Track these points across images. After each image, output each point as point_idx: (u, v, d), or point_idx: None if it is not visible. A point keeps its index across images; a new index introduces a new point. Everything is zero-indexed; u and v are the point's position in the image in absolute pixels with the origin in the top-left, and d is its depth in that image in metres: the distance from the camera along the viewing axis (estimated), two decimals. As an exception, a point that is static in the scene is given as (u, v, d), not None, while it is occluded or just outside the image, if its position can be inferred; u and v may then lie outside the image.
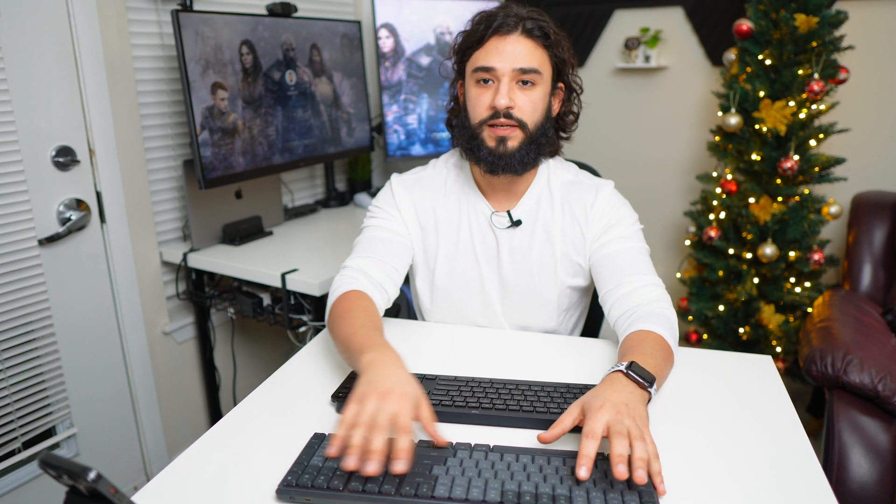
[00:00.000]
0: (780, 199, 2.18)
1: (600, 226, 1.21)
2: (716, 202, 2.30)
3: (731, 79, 2.21)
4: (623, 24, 2.68)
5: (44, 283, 1.60)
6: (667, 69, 2.66)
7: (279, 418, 0.94)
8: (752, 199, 2.19)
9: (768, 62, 2.12)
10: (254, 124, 1.91)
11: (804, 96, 2.07)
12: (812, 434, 2.08)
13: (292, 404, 0.98)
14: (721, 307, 2.30)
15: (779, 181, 2.16)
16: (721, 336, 2.35)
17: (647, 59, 2.61)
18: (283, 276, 1.69)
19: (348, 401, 0.81)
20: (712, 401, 0.99)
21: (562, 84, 1.20)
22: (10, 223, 1.52)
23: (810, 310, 2.10)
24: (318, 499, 0.74)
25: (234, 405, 1.16)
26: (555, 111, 1.21)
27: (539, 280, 1.25)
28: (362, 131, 2.38)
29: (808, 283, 2.23)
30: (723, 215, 2.29)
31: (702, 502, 0.76)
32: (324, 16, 2.40)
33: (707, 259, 2.32)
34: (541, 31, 1.12)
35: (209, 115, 1.76)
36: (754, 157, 2.17)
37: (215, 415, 2.16)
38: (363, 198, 2.42)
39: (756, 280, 2.23)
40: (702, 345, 2.40)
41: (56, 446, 1.73)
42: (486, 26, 1.12)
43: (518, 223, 1.23)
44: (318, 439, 0.84)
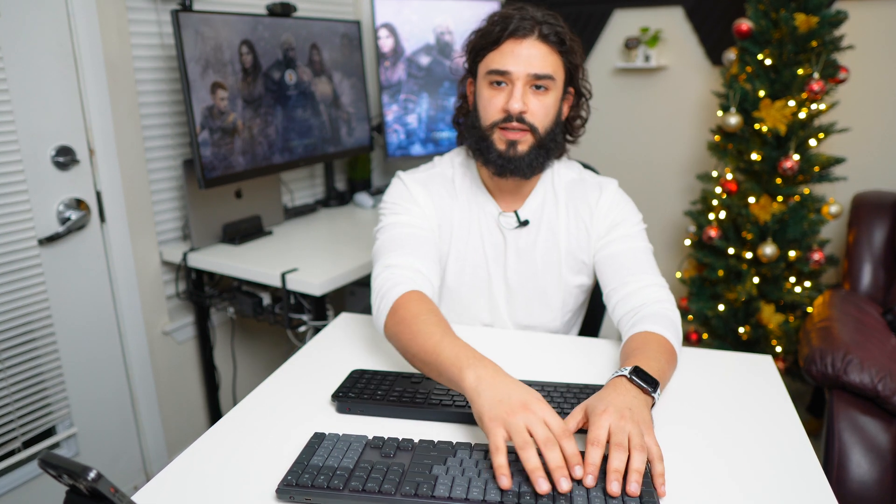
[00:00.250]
0: (780, 198, 2.18)
1: (605, 224, 1.22)
2: (716, 202, 2.30)
3: (730, 78, 2.21)
4: (623, 23, 2.68)
5: (44, 283, 1.60)
6: (667, 69, 2.66)
7: (279, 418, 0.94)
8: (752, 199, 2.19)
9: (768, 62, 2.12)
10: (254, 124, 1.91)
11: (804, 96, 2.07)
12: (812, 434, 2.08)
13: (292, 404, 0.98)
14: (721, 307, 2.30)
15: (779, 181, 2.16)
16: (721, 336, 2.35)
17: (647, 58, 2.60)
18: (283, 276, 1.69)
19: (488, 428, 0.77)
20: (712, 401, 0.99)
21: (572, 88, 1.20)
22: (9, 223, 1.52)
23: (810, 310, 2.10)
24: (318, 499, 0.74)
25: (234, 405, 1.16)
26: (564, 115, 1.22)
27: (544, 279, 1.25)
28: (362, 131, 2.38)
29: (808, 283, 2.23)
30: (723, 215, 2.28)
31: (702, 502, 0.76)
32: (324, 16, 2.40)
33: (707, 259, 2.32)
34: (557, 37, 1.11)
35: (209, 114, 1.76)
36: (754, 156, 2.17)
37: (215, 415, 2.16)
38: (363, 197, 2.42)
39: (756, 280, 2.23)
40: (702, 345, 2.40)
41: (56, 446, 1.73)
42: (503, 28, 1.11)
43: (525, 223, 1.23)
44: (318, 439, 0.84)
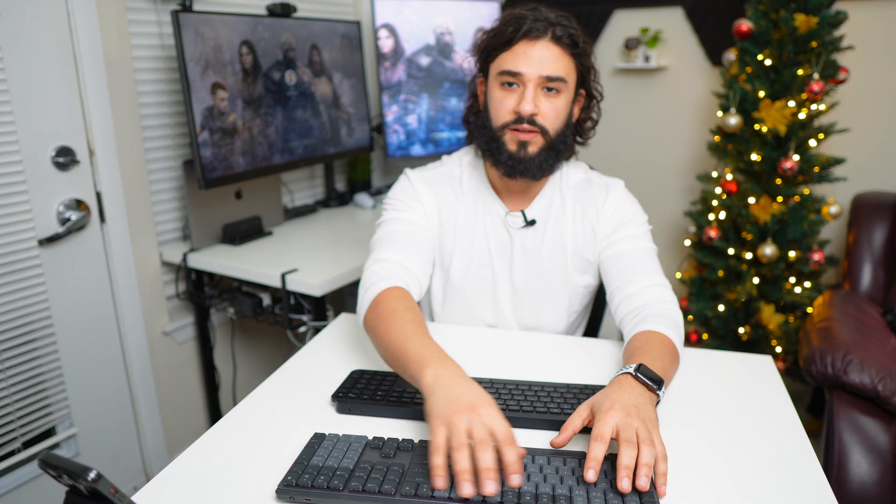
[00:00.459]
0: (780, 199, 2.18)
1: (611, 224, 1.22)
2: (716, 202, 2.30)
3: (730, 79, 2.21)
4: (623, 24, 2.68)
5: (44, 283, 1.60)
6: (667, 69, 2.66)
7: (279, 418, 0.94)
8: (752, 199, 2.19)
9: (768, 62, 2.12)
10: (254, 124, 1.91)
11: (804, 96, 2.07)
12: (812, 434, 2.08)
13: (292, 404, 0.98)
14: (721, 307, 2.30)
15: (779, 181, 2.16)
16: (721, 336, 2.35)
17: (647, 59, 2.60)
18: (283, 276, 1.69)
19: (432, 425, 0.76)
20: (712, 401, 0.99)
21: (583, 90, 1.20)
22: (9, 223, 1.52)
23: (810, 310, 2.10)
24: (318, 499, 0.74)
25: (234, 405, 1.16)
26: (574, 117, 1.21)
27: (550, 279, 1.25)
28: (362, 131, 2.38)
29: (808, 283, 2.23)
30: (723, 215, 2.28)
31: (702, 502, 0.76)
32: (323, 16, 2.40)
33: (707, 259, 2.32)
34: (570, 39, 1.11)
35: (209, 115, 1.76)
36: (754, 157, 2.17)
37: (215, 415, 2.16)
38: (363, 198, 2.42)
39: (756, 280, 2.23)
40: (702, 345, 2.40)
41: (56, 446, 1.73)
42: (516, 29, 1.10)
43: (532, 223, 1.23)
44: (318, 439, 0.84)
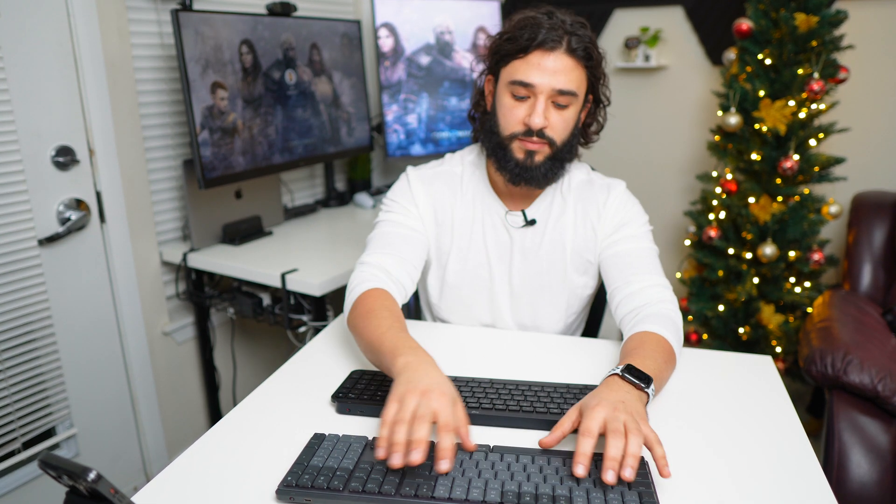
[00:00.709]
0: (780, 198, 2.18)
1: (612, 224, 1.22)
2: (716, 202, 2.30)
3: (730, 78, 2.21)
4: (623, 23, 2.68)
5: (44, 283, 1.60)
6: (667, 69, 2.66)
7: (279, 418, 0.94)
8: (752, 199, 2.19)
9: (768, 62, 2.12)
10: (254, 124, 1.91)
11: (804, 96, 2.07)
12: (812, 434, 2.08)
13: (292, 404, 0.98)
14: (721, 307, 2.30)
15: (779, 181, 2.16)
16: (721, 336, 2.35)
17: (647, 58, 2.60)
18: (283, 276, 1.69)
19: (387, 401, 0.80)
20: (712, 401, 0.99)
21: (591, 96, 1.20)
22: (10, 223, 1.52)
23: (810, 310, 2.10)
24: (318, 499, 0.74)
25: (234, 405, 1.16)
26: (580, 122, 1.21)
27: (548, 279, 1.25)
28: (362, 131, 2.38)
29: (808, 283, 2.23)
30: (723, 215, 2.28)
31: (702, 502, 0.76)
32: (324, 15, 2.40)
33: (707, 259, 2.32)
34: (584, 52, 1.11)
35: (209, 114, 1.76)
36: (754, 156, 2.17)
37: (215, 415, 2.16)
38: (363, 197, 2.42)
39: (756, 280, 2.23)
40: (702, 345, 2.40)
41: (56, 446, 1.73)
42: (531, 37, 1.09)
43: (532, 222, 1.23)
44: (318, 439, 0.84)
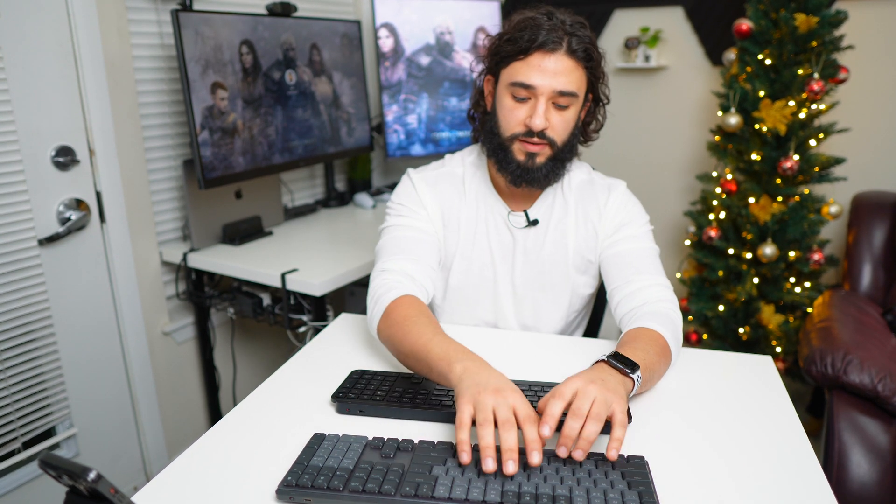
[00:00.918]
0: (780, 199, 2.18)
1: (613, 224, 1.22)
2: (716, 202, 2.30)
3: (730, 78, 2.21)
4: (623, 23, 2.68)
5: (44, 283, 1.60)
6: (667, 69, 2.66)
7: (279, 418, 0.94)
8: (752, 199, 2.19)
9: (768, 62, 2.12)
10: (254, 124, 1.91)
11: (804, 96, 2.07)
12: (812, 434, 2.08)
13: (292, 404, 0.98)
14: (721, 307, 2.30)
15: (779, 181, 2.16)
16: (721, 336, 2.35)
17: (647, 58, 2.60)
18: (283, 276, 1.69)
19: (459, 405, 0.79)
20: (712, 401, 0.99)
21: (590, 95, 1.20)
22: (10, 223, 1.52)
23: (810, 310, 2.10)
24: (318, 499, 0.74)
25: (234, 405, 1.16)
26: (580, 121, 1.21)
27: (551, 279, 1.26)
28: (362, 131, 2.38)
29: (808, 283, 2.23)
30: (723, 215, 2.28)
31: (702, 502, 0.76)
32: (324, 15, 2.40)
33: (707, 259, 2.32)
34: (584, 53, 1.11)
35: (209, 114, 1.76)
36: (754, 156, 2.17)
37: (215, 415, 2.16)
38: (363, 198, 2.42)
39: (756, 280, 2.23)
40: (702, 345, 2.40)
41: (56, 446, 1.73)
42: (531, 39, 1.09)
43: (535, 223, 1.24)
44: (318, 439, 0.84)
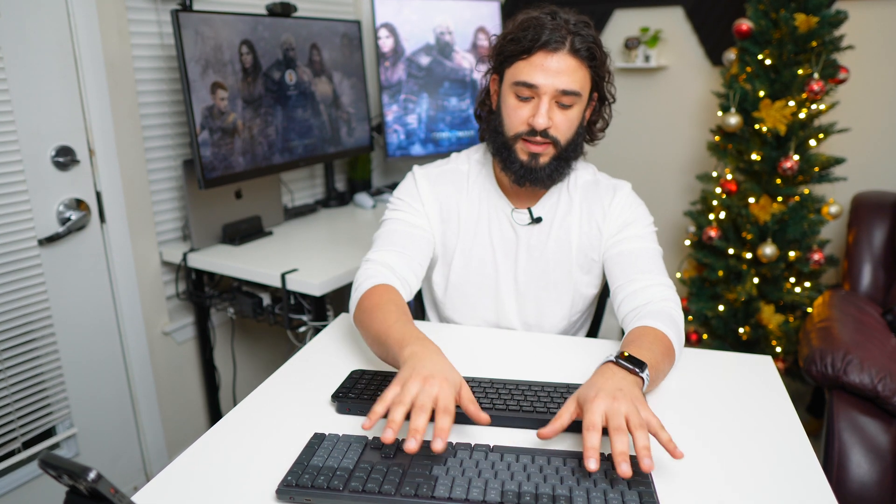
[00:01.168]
0: (780, 199, 2.18)
1: (617, 224, 1.23)
2: (716, 202, 2.30)
3: (730, 79, 2.21)
4: (623, 23, 2.68)
5: (44, 283, 1.60)
6: (667, 69, 2.66)
7: (279, 418, 0.94)
8: (752, 199, 2.19)
9: (768, 62, 2.12)
10: (254, 124, 1.91)
11: (804, 96, 2.07)
12: (812, 434, 2.08)
13: (292, 404, 0.98)
14: (721, 307, 2.30)
15: (779, 181, 2.16)
16: (721, 336, 2.35)
17: (647, 58, 2.60)
18: (283, 276, 1.69)
19: (390, 385, 0.82)
20: (712, 401, 0.99)
21: (595, 93, 1.20)
22: (10, 223, 1.52)
23: (810, 310, 2.10)
24: (318, 499, 0.74)
25: (234, 405, 1.16)
26: (585, 120, 1.21)
27: (554, 277, 1.26)
28: (362, 131, 2.38)
29: (808, 283, 2.23)
30: (723, 215, 2.28)
31: (701, 502, 0.76)
32: (324, 15, 2.40)
33: (707, 259, 2.32)
34: (588, 52, 1.10)
35: (209, 114, 1.76)
36: (754, 156, 2.17)
37: (215, 415, 2.16)
38: (363, 198, 2.42)
39: (756, 280, 2.23)
40: (702, 345, 2.40)
41: (56, 446, 1.73)
42: (534, 38, 1.09)
43: (538, 220, 1.24)
44: (318, 439, 0.84)
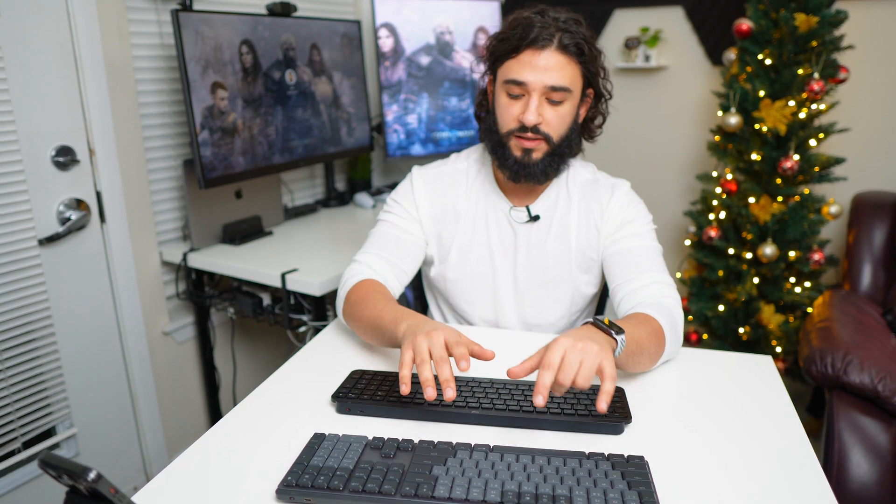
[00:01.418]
0: (780, 198, 2.18)
1: (615, 223, 1.23)
2: (716, 202, 2.30)
3: (731, 78, 2.21)
4: (623, 23, 2.68)
5: (44, 283, 1.60)
6: (667, 69, 2.66)
7: (279, 418, 0.94)
8: (752, 199, 2.19)
9: (768, 62, 2.12)
10: (254, 124, 1.91)
11: (804, 96, 2.07)
12: (812, 434, 2.08)
13: (292, 404, 0.98)
14: (721, 307, 2.30)
15: (779, 181, 2.16)
16: (721, 336, 2.35)
17: (647, 58, 2.60)
18: (283, 276, 1.69)
19: (401, 353, 0.90)
20: (712, 401, 0.99)
21: (591, 90, 1.20)
22: (10, 223, 1.52)
23: (810, 310, 2.10)
24: (318, 499, 0.74)
25: (234, 405, 1.16)
26: (581, 117, 1.21)
27: (553, 276, 1.26)
28: (362, 131, 2.38)
29: (808, 283, 2.23)
30: (723, 215, 2.28)
31: (701, 502, 0.76)
32: (324, 15, 2.40)
33: (707, 259, 2.32)
34: (576, 48, 1.11)
35: (209, 114, 1.76)
36: (754, 156, 2.17)
37: (215, 415, 2.16)
38: (363, 197, 2.42)
39: (756, 280, 2.23)
40: (702, 345, 2.40)
41: (56, 446, 1.73)
42: (522, 37, 1.09)
43: (536, 218, 1.24)
44: (318, 439, 0.84)
